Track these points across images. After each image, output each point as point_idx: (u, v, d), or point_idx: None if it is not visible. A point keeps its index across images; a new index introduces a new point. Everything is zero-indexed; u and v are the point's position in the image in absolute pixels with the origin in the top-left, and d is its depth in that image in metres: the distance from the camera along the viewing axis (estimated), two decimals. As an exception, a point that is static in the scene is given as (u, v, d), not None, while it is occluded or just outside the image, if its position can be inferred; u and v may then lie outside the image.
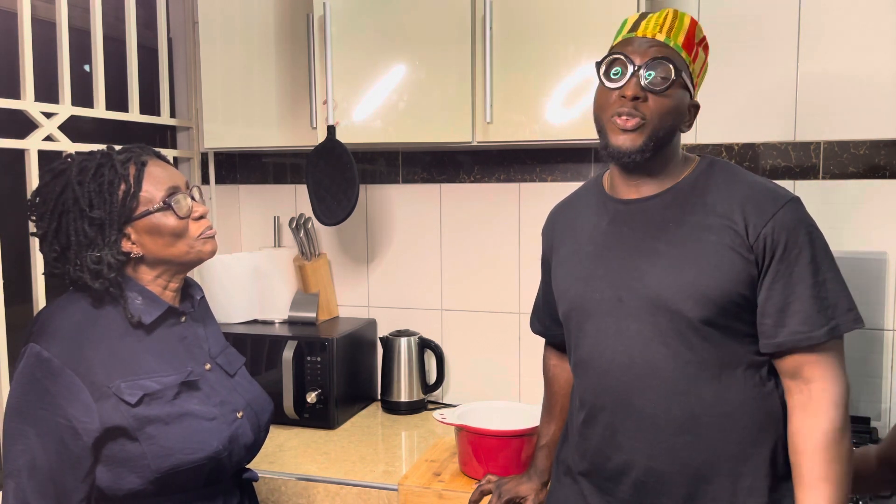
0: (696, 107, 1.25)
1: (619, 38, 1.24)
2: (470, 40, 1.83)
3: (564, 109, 1.78)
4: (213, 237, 1.32)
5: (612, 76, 1.20)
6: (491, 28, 1.81)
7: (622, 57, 1.19)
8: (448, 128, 1.87)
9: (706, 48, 1.24)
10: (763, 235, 1.15)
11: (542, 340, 1.54)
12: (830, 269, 1.17)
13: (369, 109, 1.91)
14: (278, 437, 1.98)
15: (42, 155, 1.73)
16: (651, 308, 1.19)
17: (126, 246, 1.25)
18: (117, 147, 1.31)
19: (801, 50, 1.91)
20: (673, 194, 1.23)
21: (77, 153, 1.30)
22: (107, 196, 1.22)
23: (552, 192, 2.12)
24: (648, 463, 1.20)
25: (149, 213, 1.24)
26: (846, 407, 1.15)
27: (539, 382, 1.56)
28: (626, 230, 1.25)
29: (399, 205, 2.28)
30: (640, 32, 1.20)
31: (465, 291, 2.23)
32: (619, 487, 1.23)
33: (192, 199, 1.30)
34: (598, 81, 1.23)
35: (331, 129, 1.93)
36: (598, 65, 1.21)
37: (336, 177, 1.97)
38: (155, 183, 1.26)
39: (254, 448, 1.35)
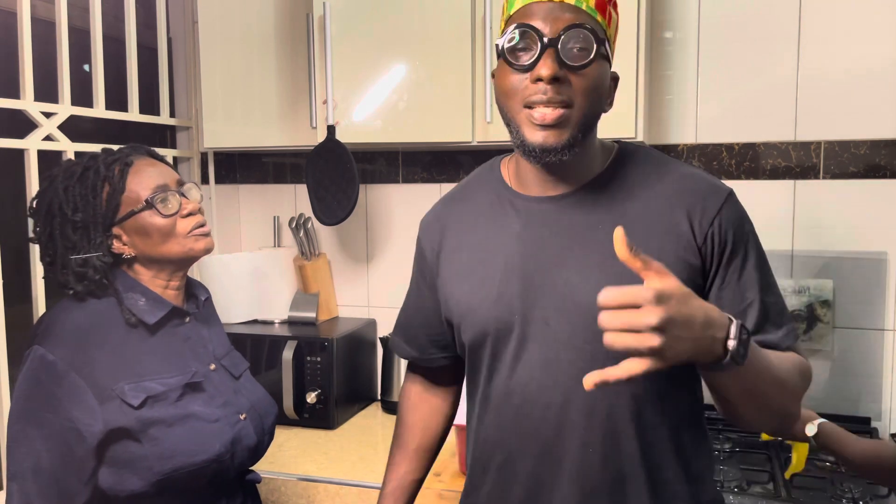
0: (616, 79, 1.04)
1: (517, 5, 0.99)
2: (470, 40, 1.83)
3: (564, 109, 1.78)
4: (206, 235, 1.31)
5: (519, 55, 0.96)
6: (491, 28, 1.81)
7: (530, 29, 0.94)
8: (448, 128, 1.87)
9: (616, 6, 1.03)
10: (711, 235, 0.99)
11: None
12: (769, 270, 1.05)
13: (369, 109, 1.91)
14: (278, 437, 1.98)
15: (42, 155, 1.73)
16: (585, 333, 0.98)
17: (118, 247, 1.25)
18: (115, 147, 1.31)
19: (802, 49, 1.91)
20: (598, 189, 1.03)
21: (68, 160, 1.30)
22: (90, 199, 1.23)
23: (552, 192, 2.13)
24: None
25: (133, 213, 1.24)
26: (808, 374, 1.02)
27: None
28: (547, 235, 1.03)
29: (399, 205, 2.28)
30: None
31: (465, 291, 2.23)
32: None
33: (183, 196, 1.29)
34: (499, 63, 1.00)
35: (331, 129, 1.93)
36: (502, 43, 0.98)
37: (336, 176, 1.97)
38: (140, 183, 1.25)
39: (257, 450, 1.35)
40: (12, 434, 1.17)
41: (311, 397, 2.02)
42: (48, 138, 1.77)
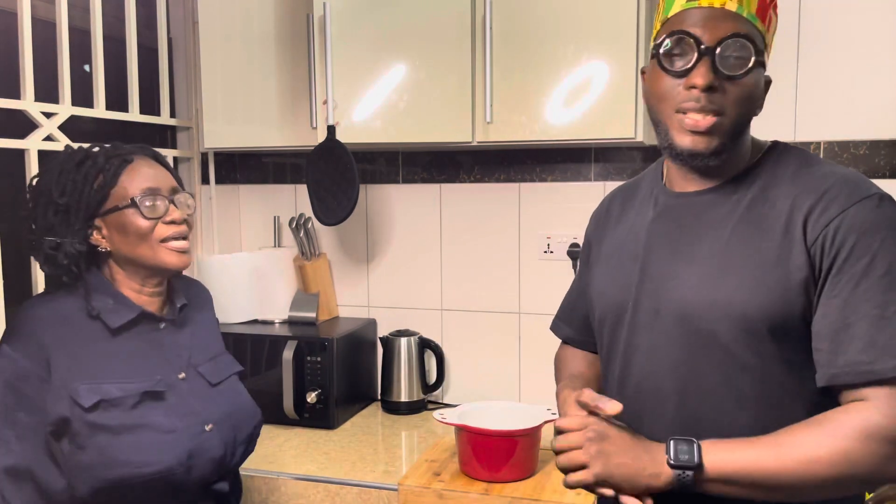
0: (769, 82, 1.03)
1: (675, 9, 0.99)
2: (470, 40, 1.83)
3: (564, 109, 1.78)
4: (182, 251, 1.27)
5: (674, 60, 0.97)
6: (491, 28, 1.81)
7: (687, 36, 0.95)
8: (448, 128, 1.87)
9: (776, 7, 1.01)
10: (823, 236, 0.92)
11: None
12: None
13: (369, 109, 1.91)
14: (278, 437, 1.98)
15: (42, 155, 1.73)
16: (681, 324, 1.00)
17: (96, 238, 1.25)
18: (127, 146, 1.32)
19: (801, 49, 1.91)
20: (732, 187, 1.02)
21: (78, 146, 1.31)
22: (80, 186, 1.23)
23: (552, 192, 2.13)
24: None
25: (117, 208, 1.24)
26: (887, 453, 0.87)
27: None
28: (672, 228, 1.05)
29: (399, 205, 2.28)
30: (703, 1, 0.96)
31: (465, 291, 2.23)
32: None
33: (173, 204, 1.28)
34: (651, 65, 1.01)
35: (331, 129, 1.93)
36: (657, 46, 0.99)
37: (336, 177, 1.97)
38: (133, 181, 1.25)
39: (224, 462, 1.30)
40: None
41: (312, 397, 2.02)
42: (48, 138, 1.77)
